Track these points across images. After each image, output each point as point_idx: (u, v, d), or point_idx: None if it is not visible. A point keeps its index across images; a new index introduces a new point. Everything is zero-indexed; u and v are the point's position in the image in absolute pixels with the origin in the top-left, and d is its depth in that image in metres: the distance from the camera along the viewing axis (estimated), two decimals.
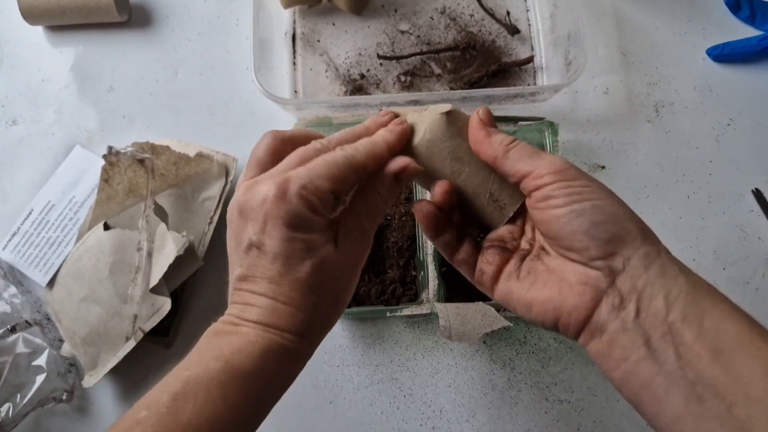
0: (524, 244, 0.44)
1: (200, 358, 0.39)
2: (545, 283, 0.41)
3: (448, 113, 0.43)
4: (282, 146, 0.43)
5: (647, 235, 0.39)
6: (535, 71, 0.81)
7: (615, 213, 0.38)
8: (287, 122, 0.79)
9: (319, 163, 0.40)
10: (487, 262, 0.44)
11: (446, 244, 0.46)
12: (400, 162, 0.43)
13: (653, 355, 0.36)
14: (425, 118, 0.44)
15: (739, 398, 0.33)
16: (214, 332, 0.41)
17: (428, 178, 0.45)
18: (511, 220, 0.45)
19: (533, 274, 0.42)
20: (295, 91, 0.81)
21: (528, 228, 0.45)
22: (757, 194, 0.75)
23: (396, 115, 0.46)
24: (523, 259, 0.44)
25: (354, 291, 0.45)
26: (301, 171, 0.40)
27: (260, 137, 0.44)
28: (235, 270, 0.42)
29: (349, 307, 0.69)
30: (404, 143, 0.44)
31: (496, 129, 0.43)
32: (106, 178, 0.71)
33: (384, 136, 0.43)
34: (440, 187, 0.44)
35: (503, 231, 0.45)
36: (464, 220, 0.47)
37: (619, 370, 0.38)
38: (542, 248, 0.43)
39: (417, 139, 0.43)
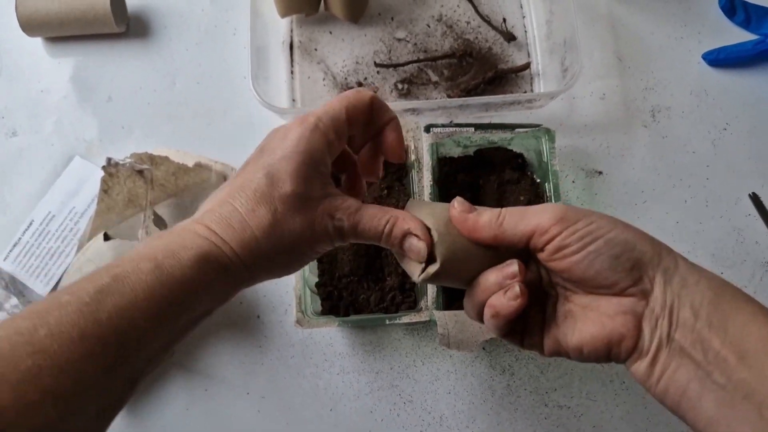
0: (548, 290, 0.45)
1: (136, 256, 0.38)
2: (586, 321, 0.42)
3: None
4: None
5: (661, 249, 0.40)
6: (531, 78, 0.81)
7: (626, 240, 0.40)
8: None
9: (334, 100, 0.45)
10: (531, 325, 0.44)
11: (513, 335, 0.45)
12: (417, 231, 0.43)
13: (687, 363, 0.38)
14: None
15: (766, 399, 0.35)
16: (164, 231, 0.42)
17: (454, 280, 0.45)
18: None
19: (571, 317, 0.43)
20: (293, 100, 0.81)
21: (543, 272, 0.45)
22: (754, 198, 0.76)
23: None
24: (554, 305, 0.44)
25: (306, 262, 0.45)
26: (319, 108, 0.44)
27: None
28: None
29: (347, 315, 0.69)
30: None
31: (477, 211, 0.43)
32: (105, 189, 0.71)
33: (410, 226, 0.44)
34: (521, 266, 0.42)
35: (527, 281, 0.44)
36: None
37: (660, 383, 0.39)
38: (566, 289, 0.44)
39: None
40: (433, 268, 0.43)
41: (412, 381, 0.71)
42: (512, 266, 0.42)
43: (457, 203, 0.44)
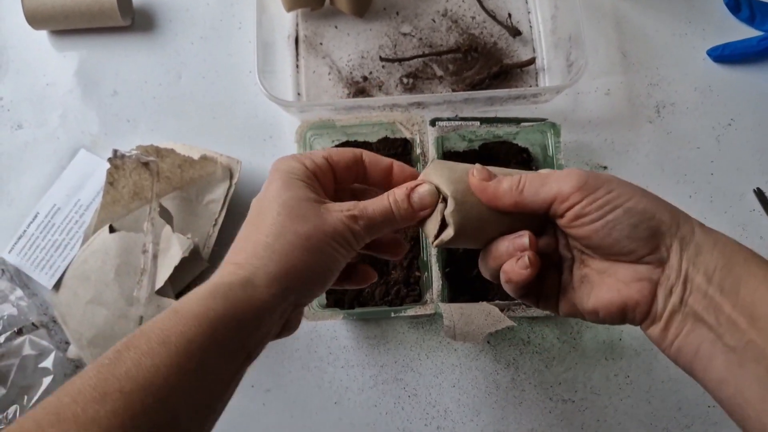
0: (565, 253, 0.46)
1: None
2: (602, 287, 0.42)
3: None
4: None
5: (679, 217, 0.41)
6: (536, 73, 0.81)
7: (645, 209, 0.40)
8: (291, 124, 0.79)
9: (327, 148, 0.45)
10: (549, 285, 0.45)
11: (530, 296, 0.46)
12: (417, 182, 0.45)
13: (699, 326, 0.39)
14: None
15: None
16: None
17: (467, 244, 0.45)
18: (542, 234, 0.46)
19: (587, 281, 0.44)
20: (298, 94, 0.81)
21: (560, 235, 0.46)
22: (759, 194, 0.76)
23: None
24: (570, 269, 0.45)
25: (330, 278, 0.43)
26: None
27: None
28: None
29: (352, 308, 0.69)
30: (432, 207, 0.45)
31: (497, 178, 0.43)
32: (111, 181, 0.71)
33: (409, 184, 0.46)
34: (533, 238, 0.43)
35: (542, 246, 0.46)
36: None
37: (673, 346, 0.40)
38: (583, 253, 0.44)
39: (449, 207, 0.43)
40: (447, 235, 0.43)
41: (416, 374, 0.71)
42: (523, 238, 0.43)
43: (477, 171, 0.44)
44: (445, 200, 0.44)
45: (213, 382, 0.37)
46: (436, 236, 0.44)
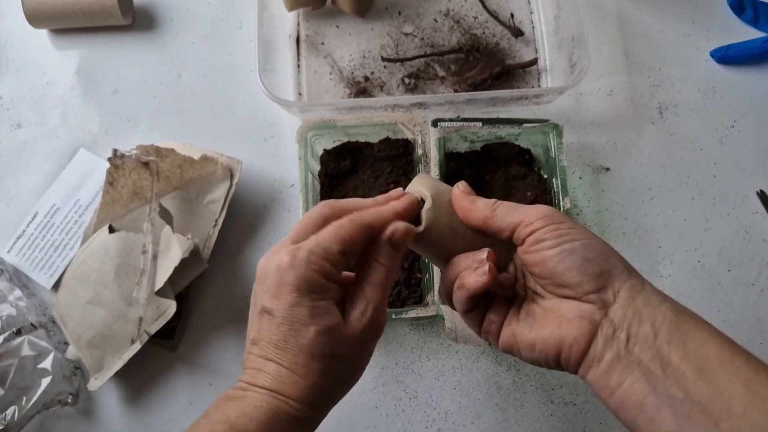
0: (519, 291, 0.47)
1: (207, 423, 0.40)
2: (544, 321, 0.44)
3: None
4: (333, 215, 0.45)
5: (632, 270, 0.42)
6: (539, 73, 0.81)
7: (602, 250, 0.42)
8: (291, 124, 0.79)
9: (327, 230, 0.43)
10: (494, 313, 0.47)
11: (474, 315, 0.48)
12: (392, 226, 0.45)
13: (644, 377, 0.39)
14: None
15: (723, 414, 0.36)
16: (225, 397, 0.43)
17: (434, 251, 0.48)
18: (503, 269, 0.47)
19: (532, 315, 0.45)
20: (300, 94, 0.81)
21: (519, 276, 0.47)
22: (762, 196, 0.75)
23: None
24: (520, 305, 0.46)
25: (365, 368, 0.46)
26: (311, 239, 0.43)
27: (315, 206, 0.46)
28: (250, 333, 0.44)
29: None
30: (411, 212, 0.46)
31: (476, 196, 0.47)
32: (110, 181, 0.71)
33: (393, 204, 0.46)
34: (492, 254, 0.45)
35: (501, 278, 0.47)
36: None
37: (615, 395, 0.40)
38: (536, 293, 0.46)
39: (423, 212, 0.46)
40: (416, 230, 0.46)
41: (417, 376, 0.71)
42: (482, 253, 0.44)
43: (462, 185, 0.47)
44: (422, 202, 0.47)
45: None
46: None
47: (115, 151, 0.69)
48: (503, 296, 0.47)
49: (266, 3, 0.77)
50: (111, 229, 0.71)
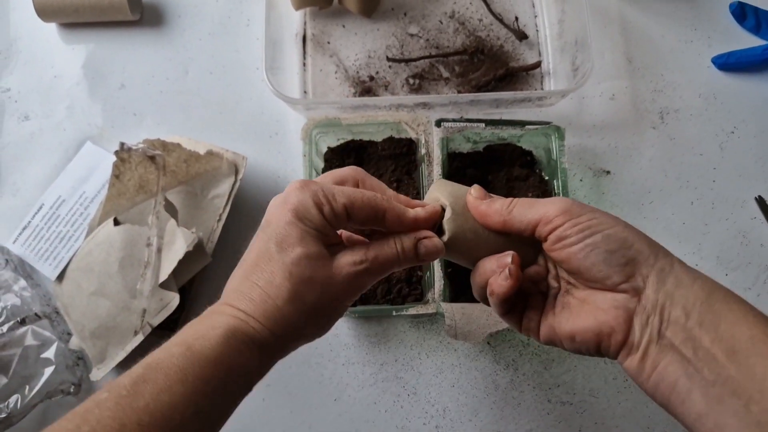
0: (552, 282, 0.47)
1: (168, 343, 0.40)
2: (580, 313, 0.44)
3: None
4: (357, 181, 0.47)
5: (658, 251, 0.42)
6: (542, 76, 0.82)
7: (625, 238, 0.42)
8: (297, 122, 0.80)
9: (346, 186, 0.45)
10: (532, 310, 0.47)
11: (514, 315, 0.47)
12: (425, 242, 0.46)
13: (677, 360, 0.39)
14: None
15: (754, 395, 0.36)
16: (195, 318, 0.43)
17: (460, 257, 0.48)
18: (533, 262, 0.48)
19: (567, 308, 0.45)
20: (305, 92, 0.82)
21: (551, 266, 0.47)
22: (760, 201, 0.76)
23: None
24: (555, 297, 0.46)
25: (329, 326, 0.46)
26: (328, 183, 0.44)
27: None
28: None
29: (354, 305, 0.70)
30: (432, 222, 0.47)
31: (491, 198, 0.47)
32: (117, 174, 0.71)
33: (417, 210, 0.47)
34: (516, 258, 0.45)
35: (532, 274, 0.47)
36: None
37: (651, 379, 0.40)
38: (569, 283, 0.46)
39: (446, 222, 0.47)
40: (441, 240, 0.46)
41: (416, 373, 0.72)
42: (507, 257, 0.45)
43: (474, 190, 0.47)
44: (444, 210, 0.47)
45: (220, 419, 0.41)
46: None
47: (122, 144, 0.70)
48: (539, 291, 0.47)
49: (274, 1, 0.78)
50: (116, 222, 0.72)
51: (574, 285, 0.45)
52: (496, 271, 0.45)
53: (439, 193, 0.48)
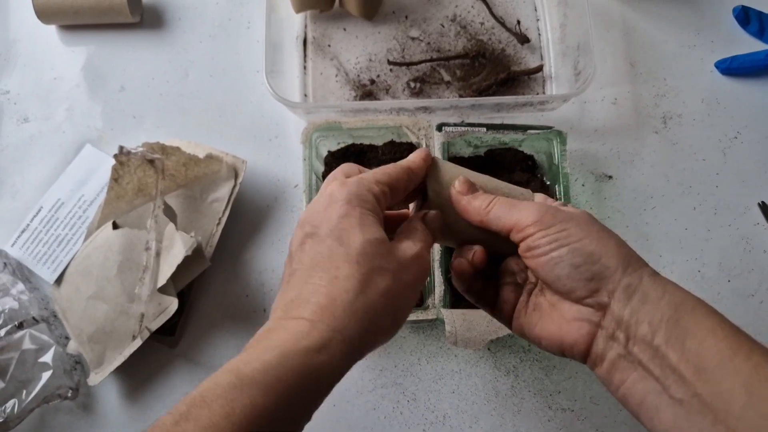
0: (531, 276, 0.47)
1: (218, 371, 0.36)
2: (548, 319, 0.44)
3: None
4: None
5: (628, 264, 0.41)
6: (544, 80, 0.81)
7: (591, 252, 0.41)
8: (297, 126, 0.79)
9: (373, 170, 0.45)
10: (504, 300, 0.47)
11: (477, 292, 0.49)
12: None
13: (644, 377, 0.39)
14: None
15: (720, 414, 0.36)
16: (253, 339, 0.38)
17: (449, 233, 0.48)
18: (512, 254, 0.48)
19: (538, 309, 0.45)
20: (305, 95, 0.81)
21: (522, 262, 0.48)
22: (763, 207, 0.76)
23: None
24: (530, 293, 0.47)
25: (403, 318, 0.42)
26: (359, 175, 0.44)
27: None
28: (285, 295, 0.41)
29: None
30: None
31: (474, 194, 0.46)
32: (116, 178, 0.71)
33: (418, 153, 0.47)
34: (478, 254, 0.46)
35: (512, 265, 0.48)
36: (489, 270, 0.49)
37: (619, 391, 0.41)
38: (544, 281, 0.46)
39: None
40: (420, 202, 0.48)
41: (416, 379, 0.71)
42: (470, 253, 0.47)
43: (458, 182, 0.47)
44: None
45: None
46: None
47: (121, 147, 0.69)
48: (514, 282, 0.48)
49: (274, 4, 0.78)
50: (115, 225, 0.72)
51: (546, 285, 0.45)
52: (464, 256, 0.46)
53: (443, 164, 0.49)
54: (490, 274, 0.49)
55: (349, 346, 0.38)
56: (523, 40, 0.82)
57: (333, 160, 0.75)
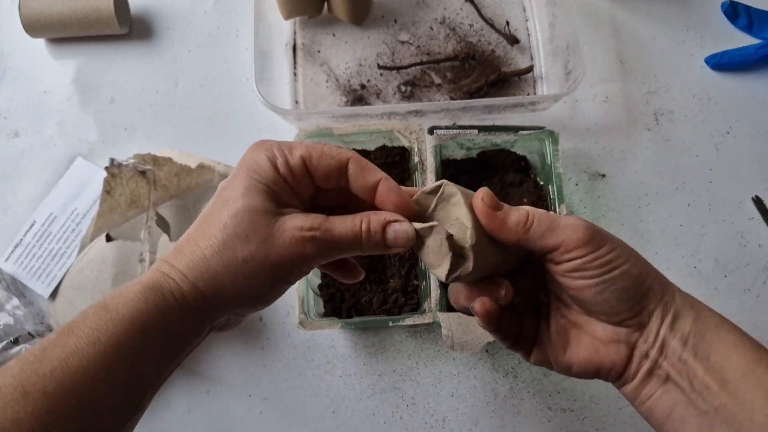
0: (541, 297, 0.46)
1: (86, 308, 0.37)
2: (579, 344, 0.43)
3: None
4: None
5: (665, 284, 0.42)
6: (534, 81, 0.81)
7: (639, 274, 0.41)
8: (288, 133, 0.79)
9: (312, 141, 0.41)
10: (526, 328, 0.45)
11: (507, 329, 0.45)
12: (394, 225, 0.40)
13: (672, 390, 0.40)
14: (455, 212, 0.41)
15: (744, 424, 0.37)
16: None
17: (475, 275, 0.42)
18: (521, 271, 0.46)
19: (564, 335, 0.44)
20: (296, 102, 0.81)
21: (538, 277, 0.46)
22: (757, 201, 0.76)
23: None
24: (547, 316, 0.45)
25: (276, 294, 0.41)
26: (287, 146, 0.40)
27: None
28: None
29: (350, 317, 0.69)
30: (409, 209, 0.41)
31: (504, 209, 0.41)
32: (108, 190, 0.71)
33: (398, 193, 0.41)
34: (510, 291, 0.42)
35: (527, 286, 0.46)
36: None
37: (645, 405, 0.41)
38: (559, 300, 0.45)
39: (469, 240, 0.40)
40: (465, 270, 0.40)
41: (414, 383, 0.71)
42: (501, 289, 0.42)
43: (486, 196, 0.40)
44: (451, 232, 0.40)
45: (141, 384, 0.37)
46: (451, 270, 0.40)
47: (112, 160, 0.69)
48: (528, 307, 0.46)
49: (262, 12, 0.77)
50: (108, 238, 0.71)
51: (565, 303, 0.44)
52: (485, 297, 0.42)
53: (457, 207, 0.41)
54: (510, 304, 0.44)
55: (201, 299, 0.38)
56: (513, 40, 0.82)
57: None
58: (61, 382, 0.33)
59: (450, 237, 0.40)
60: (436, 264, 0.41)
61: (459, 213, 0.41)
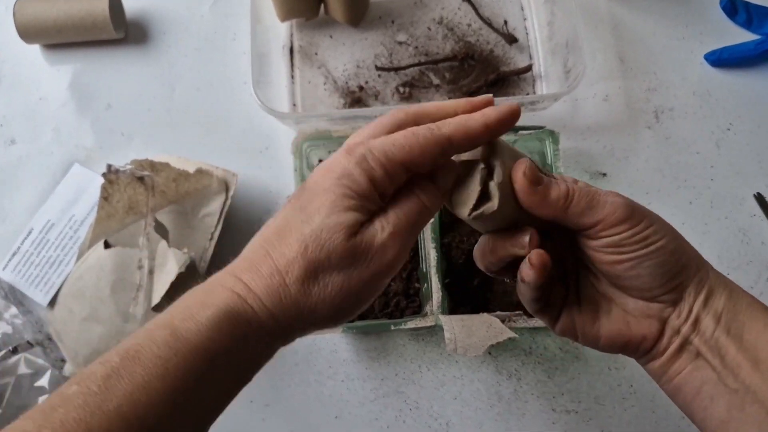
0: (567, 265, 0.45)
1: (153, 324, 0.35)
2: (610, 316, 0.42)
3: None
4: (409, 121, 0.39)
5: (700, 262, 0.41)
6: (534, 80, 0.81)
7: (674, 250, 0.40)
8: (286, 136, 0.78)
9: (399, 134, 0.37)
10: (554, 294, 0.44)
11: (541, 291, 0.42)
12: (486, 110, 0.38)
13: (703, 367, 0.39)
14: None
15: None
16: (192, 289, 0.37)
17: (498, 221, 0.41)
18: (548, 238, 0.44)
19: (593, 305, 0.43)
20: (294, 105, 0.81)
21: (566, 246, 0.44)
22: (759, 198, 0.75)
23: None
24: (576, 285, 0.44)
25: (364, 305, 0.39)
26: (379, 139, 0.37)
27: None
28: None
29: (351, 321, 0.68)
30: (507, 126, 0.39)
31: (543, 182, 0.39)
32: (105, 196, 0.70)
33: (486, 111, 0.39)
34: (533, 237, 0.40)
35: (558, 252, 0.44)
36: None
37: (673, 382, 0.41)
38: (588, 269, 0.44)
39: (495, 178, 0.39)
40: (490, 208, 0.39)
41: (417, 387, 0.71)
42: (525, 236, 0.40)
43: (528, 169, 0.39)
44: (487, 169, 0.39)
45: (207, 413, 0.36)
46: (475, 206, 0.40)
47: (109, 166, 0.69)
48: (555, 275, 0.44)
49: (259, 15, 0.77)
50: (106, 245, 0.71)
51: (593, 273, 0.43)
52: (517, 251, 0.40)
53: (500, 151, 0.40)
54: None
55: (276, 326, 0.36)
56: (511, 40, 0.82)
57: None
58: (128, 421, 0.31)
59: (484, 170, 0.39)
60: (462, 201, 0.40)
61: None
